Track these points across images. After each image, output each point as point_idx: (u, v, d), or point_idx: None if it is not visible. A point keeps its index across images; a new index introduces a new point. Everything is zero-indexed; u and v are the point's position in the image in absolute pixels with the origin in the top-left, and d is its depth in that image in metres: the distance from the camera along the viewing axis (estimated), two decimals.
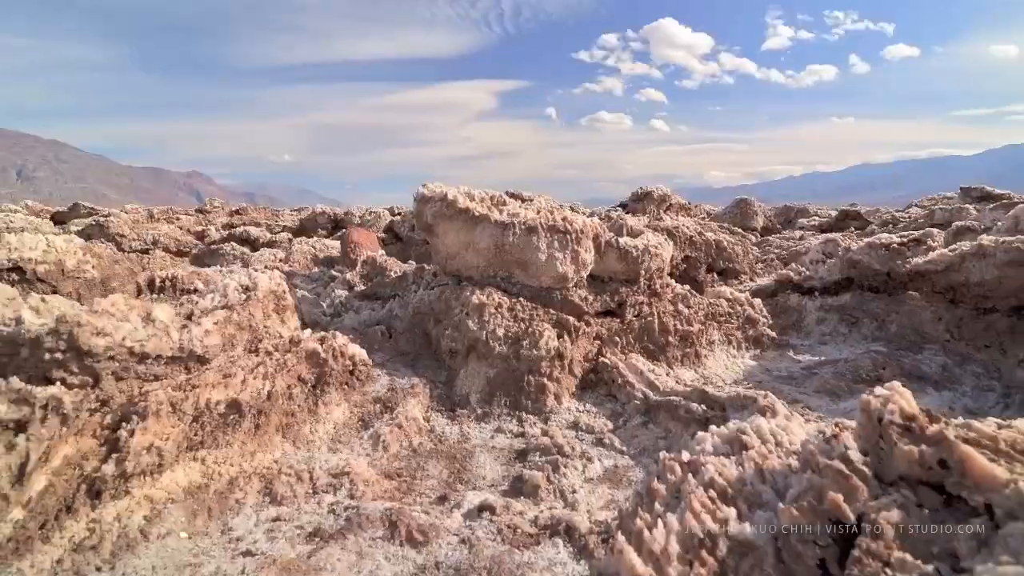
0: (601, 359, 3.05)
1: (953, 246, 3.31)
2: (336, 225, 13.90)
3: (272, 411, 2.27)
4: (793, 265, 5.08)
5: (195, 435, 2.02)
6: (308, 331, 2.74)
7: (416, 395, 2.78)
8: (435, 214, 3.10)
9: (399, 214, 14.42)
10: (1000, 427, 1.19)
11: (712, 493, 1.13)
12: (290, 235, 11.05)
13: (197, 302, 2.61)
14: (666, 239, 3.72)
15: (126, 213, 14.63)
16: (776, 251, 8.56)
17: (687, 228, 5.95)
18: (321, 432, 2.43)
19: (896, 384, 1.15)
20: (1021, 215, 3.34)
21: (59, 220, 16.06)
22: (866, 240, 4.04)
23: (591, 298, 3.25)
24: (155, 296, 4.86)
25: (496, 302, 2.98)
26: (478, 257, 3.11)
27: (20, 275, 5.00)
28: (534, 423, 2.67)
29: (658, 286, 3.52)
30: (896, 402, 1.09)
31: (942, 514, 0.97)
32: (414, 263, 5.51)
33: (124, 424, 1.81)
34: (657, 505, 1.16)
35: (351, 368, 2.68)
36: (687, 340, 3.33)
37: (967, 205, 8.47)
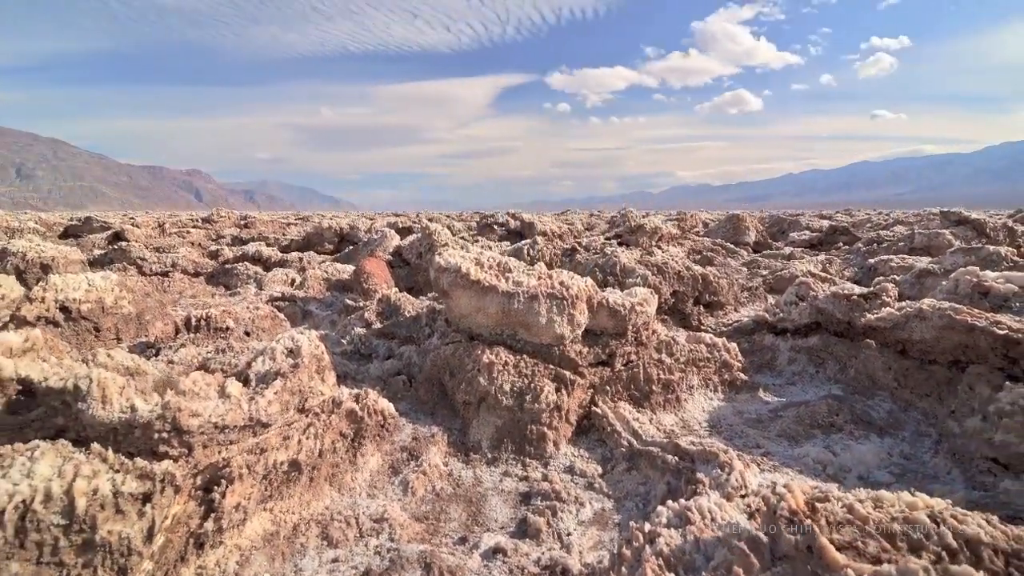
0: (594, 408, 3.54)
1: (900, 305, 3.80)
2: (342, 239, 14.42)
3: (322, 465, 2.77)
4: (769, 306, 5.57)
5: (265, 490, 2.51)
6: (344, 389, 3.23)
7: (436, 443, 3.28)
8: (450, 283, 3.59)
9: (406, 228, 14.92)
10: (876, 506, 1.69)
11: (661, 561, 1.61)
12: (300, 254, 11.52)
13: (251, 366, 3.09)
14: (652, 292, 4.20)
15: (138, 228, 15.13)
16: (764, 273, 9.05)
17: (676, 263, 6.44)
18: (360, 480, 2.93)
19: (792, 484, 1.65)
20: (960, 279, 3.83)
21: (73, 234, 16.53)
22: (831, 289, 4.53)
23: (585, 351, 3.74)
24: (193, 336, 5.35)
25: (503, 360, 3.48)
26: (487, 319, 3.61)
27: (66, 314, 5.49)
28: (536, 467, 3.17)
29: (644, 337, 4.01)
30: (787, 500, 1.58)
31: None
32: (425, 299, 6.02)
33: (215, 487, 2.31)
34: (624, 569, 1.65)
35: (382, 422, 3.17)
36: (669, 387, 3.82)
37: (944, 231, 8.97)
